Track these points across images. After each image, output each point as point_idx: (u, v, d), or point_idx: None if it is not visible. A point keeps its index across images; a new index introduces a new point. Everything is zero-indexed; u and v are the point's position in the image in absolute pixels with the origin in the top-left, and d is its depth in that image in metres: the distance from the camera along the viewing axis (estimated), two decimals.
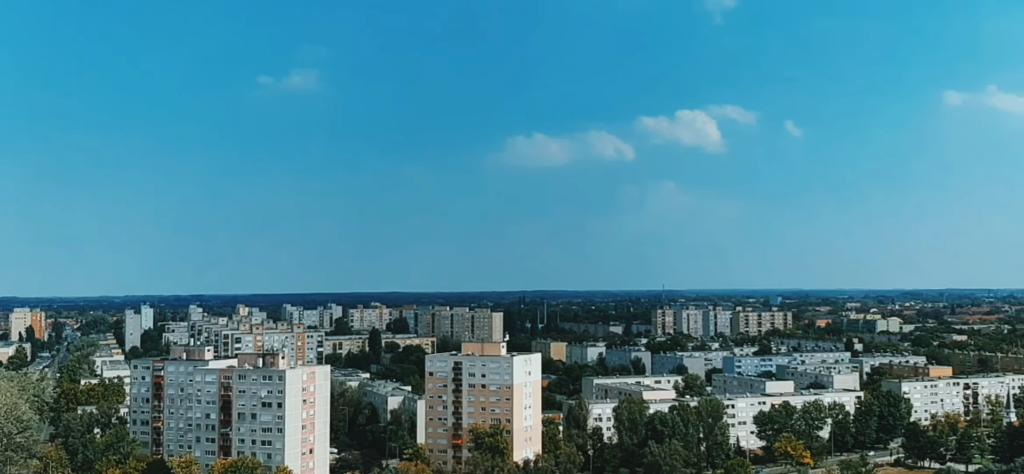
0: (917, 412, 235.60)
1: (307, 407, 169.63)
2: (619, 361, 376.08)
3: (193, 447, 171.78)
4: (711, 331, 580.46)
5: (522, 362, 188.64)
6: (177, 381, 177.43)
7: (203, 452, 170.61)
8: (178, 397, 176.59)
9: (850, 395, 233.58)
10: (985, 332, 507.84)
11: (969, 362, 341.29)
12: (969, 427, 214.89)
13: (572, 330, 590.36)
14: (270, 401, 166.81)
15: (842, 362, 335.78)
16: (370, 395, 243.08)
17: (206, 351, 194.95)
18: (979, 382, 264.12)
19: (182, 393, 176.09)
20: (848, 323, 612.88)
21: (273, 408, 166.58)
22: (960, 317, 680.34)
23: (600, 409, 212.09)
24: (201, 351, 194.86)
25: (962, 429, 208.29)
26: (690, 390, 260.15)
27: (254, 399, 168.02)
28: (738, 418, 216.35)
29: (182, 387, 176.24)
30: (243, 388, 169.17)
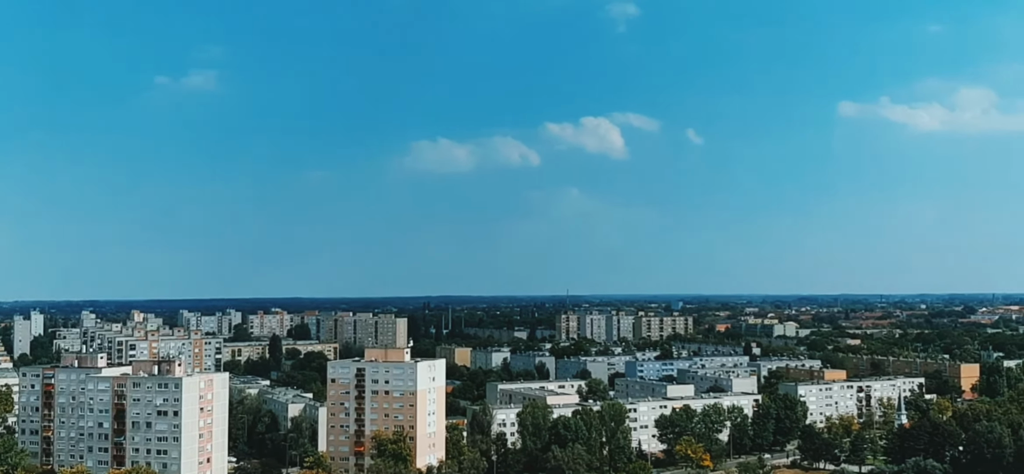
0: (813, 414, 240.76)
1: (204, 415, 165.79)
2: (523, 366, 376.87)
3: (85, 457, 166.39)
4: (614, 336, 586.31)
5: (426, 368, 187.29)
6: (68, 389, 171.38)
7: (96, 462, 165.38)
8: (70, 406, 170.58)
9: (748, 398, 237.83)
10: (878, 336, 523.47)
11: (862, 366, 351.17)
12: (862, 429, 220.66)
13: (477, 335, 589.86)
14: (166, 409, 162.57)
15: (741, 366, 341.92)
16: (270, 402, 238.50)
17: (99, 358, 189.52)
18: (872, 385, 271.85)
19: (74, 402, 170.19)
20: (747, 328, 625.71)
21: (169, 416, 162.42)
22: (854, 322, 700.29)
23: (504, 414, 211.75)
24: (94, 358, 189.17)
25: (856, 431, 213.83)
26: (593, 394, 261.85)
27: (149, 407, 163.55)
28: (640, 422, 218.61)
29: (74, 395, 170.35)
30: (137, 396, 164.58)
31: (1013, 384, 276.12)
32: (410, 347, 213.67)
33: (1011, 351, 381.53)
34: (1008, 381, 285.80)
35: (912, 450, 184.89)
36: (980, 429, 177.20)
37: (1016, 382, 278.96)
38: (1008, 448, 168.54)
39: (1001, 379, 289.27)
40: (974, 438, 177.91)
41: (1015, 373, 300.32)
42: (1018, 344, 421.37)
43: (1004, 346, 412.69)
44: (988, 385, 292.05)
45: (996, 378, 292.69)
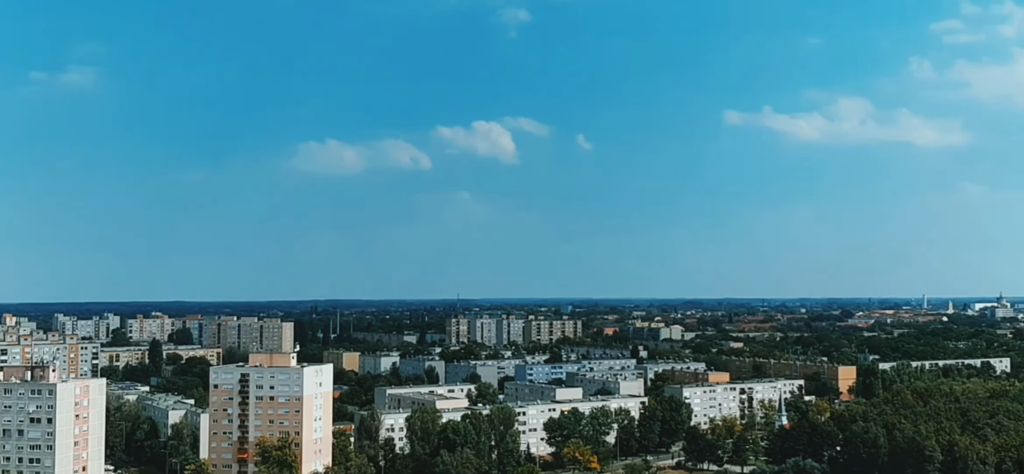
0: (697, 416, 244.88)
1: (80, 423, 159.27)
2: (413, 371, 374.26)
3: None
4: (504, 339, 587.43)
5: (313, 373, 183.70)
6: None
7: None
8: None
9: (635, 401, 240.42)
10: (760, 339, 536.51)
11: (745, 368, 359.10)
12: (744, 430, 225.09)
13: (365, 340, 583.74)
14: (39, 416, 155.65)
15: (628, 369, 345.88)
16: (150, 409, 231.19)
17: None
18: (754, 387, 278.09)
19: None
20: (634, 331, 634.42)
21: (42, 424, 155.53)
22: (737, 325, 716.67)
23: (393, 419, 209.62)
24: None
25: (738, 432, 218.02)
26: (483, 398, 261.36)
27: (21, 414, 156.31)
28: (529, 425, 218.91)
29: None
30: (9, 403, 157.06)
31: (888, 386, 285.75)
32: (296, 352, 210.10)
33: (886, 354, 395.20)
34: (883, 383, 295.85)
35: (792, 450, 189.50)
36: (856, 429, 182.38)
37: (891, 384, 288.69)
38: (883, 448, 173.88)
39: (876, 381, 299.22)
40: (851, 438, 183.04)
41: (890, 375, 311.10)
42: (893, 347, 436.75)
43: (879, 349, 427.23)
44: (864, 387, 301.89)
45: (872, 380, 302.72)
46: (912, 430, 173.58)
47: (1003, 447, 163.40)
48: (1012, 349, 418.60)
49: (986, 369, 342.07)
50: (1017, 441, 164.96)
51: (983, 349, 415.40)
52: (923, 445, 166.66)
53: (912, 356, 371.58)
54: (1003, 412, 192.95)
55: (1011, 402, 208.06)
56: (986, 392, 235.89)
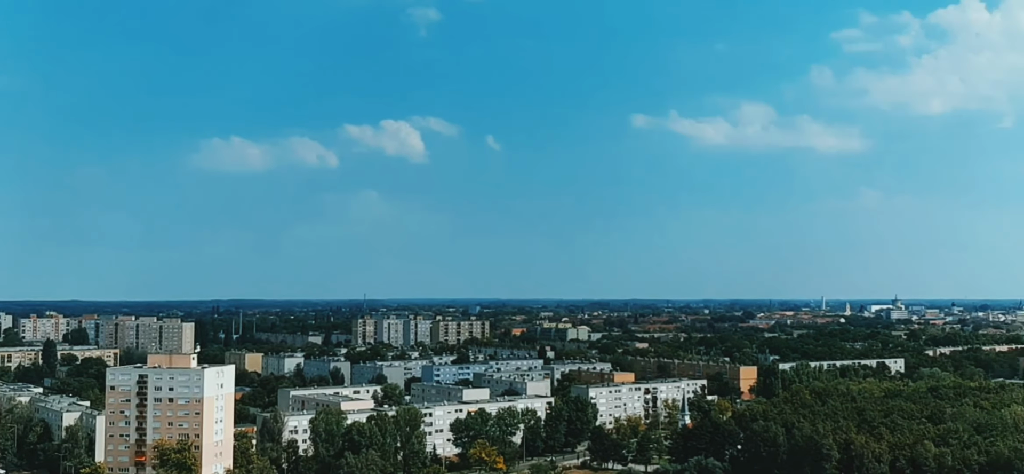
0: (603, 416, 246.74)
1: None
2: (318, 372, 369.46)
3: None
4: (411, 340, 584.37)
5: (214, 374, 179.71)
6: None
7: None
8: None
9: (542, 401, 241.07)
10: (664, 340, 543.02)
11: (650, 368, 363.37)
12: (648, 430, 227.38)
13: (269, 341, 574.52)
14: None
15: (535, 369, 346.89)
16: (43, 411, 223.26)
17: None
18: (658, 387, 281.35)
19: None
20: (541, 332, 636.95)
21: None
22: (643, 326, 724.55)
23: (296, 421, 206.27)
24: None
25: (642, 432, 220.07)
26: (389, 400, 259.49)
27: None
28: (435, 426, 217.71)
29: None
30: None
31: (787, 385, 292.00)
32: (197, 353, 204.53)
33: (786, 354, 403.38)
34: (783, 382, 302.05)
35: (694, 449, 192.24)
36: (757, 428, 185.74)
37: (790, 384, 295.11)
38: (782, 446, 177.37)
39: (776, 380, 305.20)
40: (751, 437, 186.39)
41: (789, 375, 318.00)
42: (792, 348, 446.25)
43: (779, 349, 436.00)
44: (765, 386, 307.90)
45: (772, 379, 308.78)
46: (810, 429, 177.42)
47: (897, 445, 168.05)
48: (906, 350, 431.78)
49: (881, 369, 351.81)
50: (911, 439, 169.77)
51: (879, 350, 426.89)
52: (821, 443, 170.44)
53: (811, 356, 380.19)
54: (897, 411, 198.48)
55: (905, 401, 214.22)
56: (881, 392, 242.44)
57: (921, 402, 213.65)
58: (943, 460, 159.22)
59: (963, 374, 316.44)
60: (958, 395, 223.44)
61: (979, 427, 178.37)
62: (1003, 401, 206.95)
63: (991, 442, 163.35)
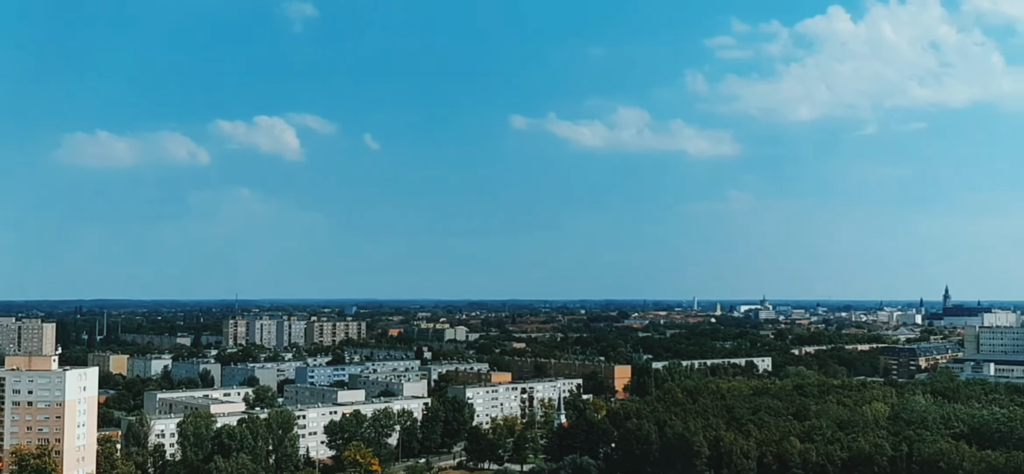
0: (479, 416, 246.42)
1: None
2: (186, 374, 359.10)
3: None
4: (285, 341, 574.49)
5: (76, 377, 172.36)
6: None
7: None
8: None
9: (418, 402, 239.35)
10: (541, 340, 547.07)
11: (527, 368, 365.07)
12: (525, 429, 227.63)
13: (135, 342, 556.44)
14: None
15: (412, 370, 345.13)
16: None
17: None
18: (535, 387, 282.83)
19: None
20: (419, 332, 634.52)
21: None
22: (520, 326, 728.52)
23: (163, 424, 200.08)
24: None
25: (518, 431, 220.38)
26: (261, 402, 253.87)
27: None
28: (309, 428, 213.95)
29: None
30: None
31: (660, 384, 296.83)
32: (58, 354, 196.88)
33: (659, 353, 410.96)
34: (656, 381, 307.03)
35: (569, 448, 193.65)
36: (630, 427, 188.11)
37: (663, 382, 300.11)
38: (654, 444, 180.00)
39: (650, 379, 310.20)
40: (625, 435, 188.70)
41: (662, 374, 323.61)
42: (665, 347, 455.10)
43: (653, 349, 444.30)
44: (638, 385, 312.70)
45: (645, 378, 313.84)
46: (681, 426, 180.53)
47: (764, 442, 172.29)
48: (773, 349, 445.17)
49: (750, 368, 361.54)
50: (777, 436, 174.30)
51: (747, 349, 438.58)
52: (691, 440, 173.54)
53: (683, 356, 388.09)
54: (764, 409, 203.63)
55: (772, 399, 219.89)
56: (750, 390, 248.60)
57: (787, 400, 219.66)
58: (808, 456, 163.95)
59: (827, 372, 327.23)
60: (822, 393, 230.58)
61: (842, 423, 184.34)
62: (864, 398, 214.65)
63: (853, 438, 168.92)
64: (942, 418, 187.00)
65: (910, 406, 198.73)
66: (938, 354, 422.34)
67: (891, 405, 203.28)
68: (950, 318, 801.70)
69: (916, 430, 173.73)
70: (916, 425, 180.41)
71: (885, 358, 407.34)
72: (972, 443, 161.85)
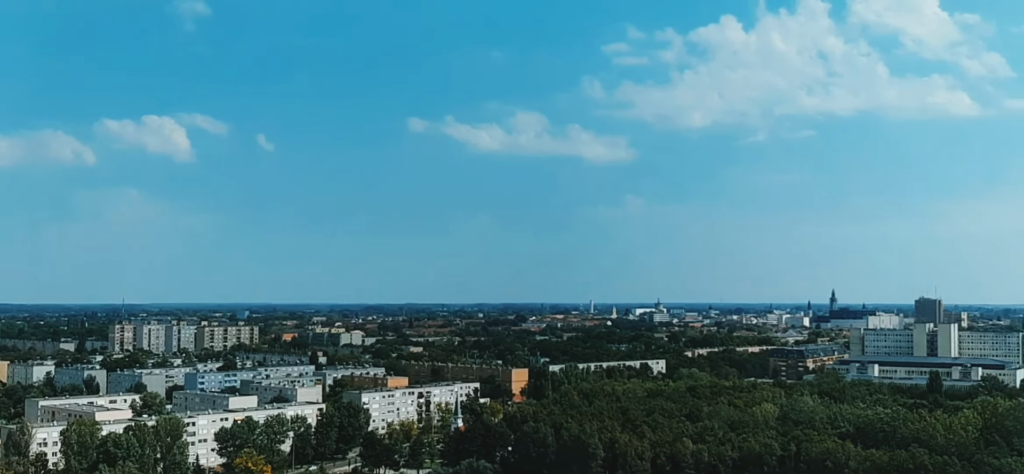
0: (375, 421, 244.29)
1: None
2: (70, 380, 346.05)
3: None
4: (174, 347, 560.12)
5: None
6: None
7: None
8: None
9: (313, 407, 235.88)
10: (439, 344, 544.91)
11: (424, 372, 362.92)
12: (421, 434, 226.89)
13: (16, 347, 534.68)
14: None
15: (306, 375, 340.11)
16: None
17: None
18: (432, 391, 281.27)
19: None
20: (314, 337, 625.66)
21: None
22: (417, 330, 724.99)
23: (46, 432, 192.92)
24: None
25: (415, 436, 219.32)
26: (148, 409, 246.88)
27: None
28: (199, 436, 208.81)
29: None
30: None
31: (557, 387, 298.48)
32: None
33: (556, 356, 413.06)
34: (553, 384, 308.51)
35: (466, 452, 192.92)
36: (527, 430, 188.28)
37: (559, 385, 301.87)
38: (551, 446, 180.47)
39: (547, 382, 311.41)
40: (522, 438, 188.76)
41: (558, 377, 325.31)
42: (562, 350, 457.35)
43: (550, 351, 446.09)
44: (535, 388, 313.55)
45: (542, 381, 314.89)
46: (577, 429, 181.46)
47: (658, 443, 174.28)
48: (667, 351, 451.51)
49: (644, 370, 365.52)
50: (670, 437, 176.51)
51: (642, 351, 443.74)
52: (587, 443, 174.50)
53: (579, 358, 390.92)
54: (658, 410, 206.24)
55: (665, 401, 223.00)
56: (644, 392, 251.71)
57: (680, 401, 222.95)
58: (700, 456, 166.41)
59: (719, 374, 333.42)
60: (714, 394, 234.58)
61: (733, 424, 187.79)
62: (754, 399, 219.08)
63: (743, 438, 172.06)
64: (829, 418, 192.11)
65: (798, 407, 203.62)
66: (825, 355, 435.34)
67: (780, 406, 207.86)
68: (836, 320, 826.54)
69: (804, 430, 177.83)
70: (804, 425, 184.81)
71: (774, 360, 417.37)
72: (857, 442, 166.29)
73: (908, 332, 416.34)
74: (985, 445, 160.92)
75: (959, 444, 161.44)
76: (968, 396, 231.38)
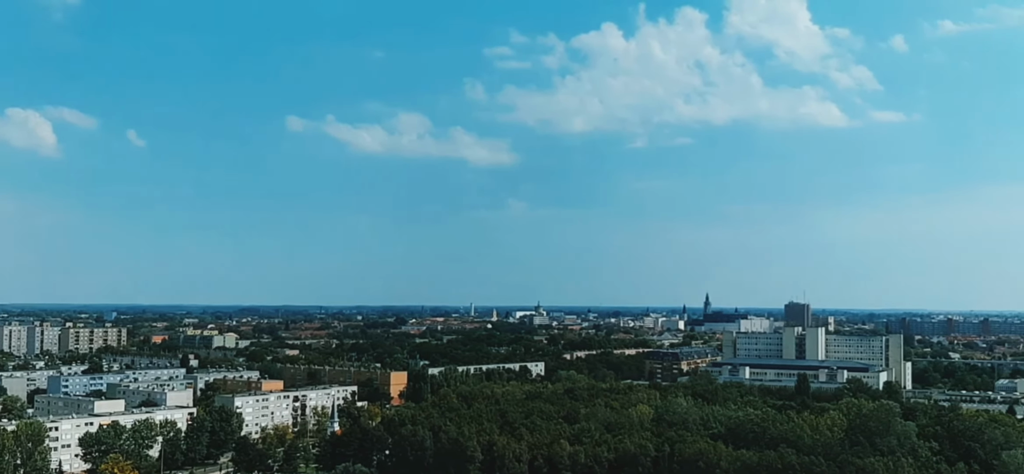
0: (249, 426, 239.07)
1: None
2: None
3: None
4: (37, 349, 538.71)
5: None
6: None
7: None
8: None
9: (183, 411, 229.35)
10: (316, 347, 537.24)
11: (300, 375, 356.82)
12: (296, 438, 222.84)
13: None
14: None
15: (177, 379, 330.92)
16: None
17: None
18: (308, 394, 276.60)
19: None
20: (185, 339, 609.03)
21: None
22: (294, 332, 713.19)
23: None
24: None
25: (290, 440, 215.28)
26: (9, 414, 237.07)
27: None
28: (62, 441, 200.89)
29: None
30: None
31: (436, 390, 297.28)
32: None
33: (435, 359, 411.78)
34: (432, 387, 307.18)
35: (343, 456, 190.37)
36: (405, 433, 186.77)
37: (439, 388, 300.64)
38: (429, 450, 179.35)
39: (426, 385, 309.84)
40: (399, 442, 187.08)
41: (438, 379, 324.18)
42: (442, 353, 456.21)
43: (429, 355, 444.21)
44: (414, 391, 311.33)
45: (421, 384, 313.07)
46: (456, 432, 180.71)
47: (536, 445, 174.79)
48: (547, 354, 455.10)
49: (524, 373, 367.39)
50: (548, 439, 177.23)
51: (522, 354, 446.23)
52: (465, 445, 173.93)
53: (459, 361, 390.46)
54: (537, 413, 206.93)
55: (544, 403, 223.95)
56: (523, 394, 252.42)
57: (558, 403, 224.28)
58: (577, 458, 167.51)
59: (596, 376, 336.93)
60: (591, 396, 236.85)
61: (609, 426, 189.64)
62: (631, 401, 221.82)
63: (619, 440, 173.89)
64: (701, 419, 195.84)
65: (672, 408, 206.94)
66: (699, 358, 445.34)
67: (655, 407, 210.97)
68: (710, 324, 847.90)
69: (677, 431, 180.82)
70: (678, 426, 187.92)
71: (650, 362, 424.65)
72: (729, 443, 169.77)
73: (778, 335, 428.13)
74: (849, 445, 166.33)
75: (825, 444, 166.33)
76: (834, 397, 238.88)
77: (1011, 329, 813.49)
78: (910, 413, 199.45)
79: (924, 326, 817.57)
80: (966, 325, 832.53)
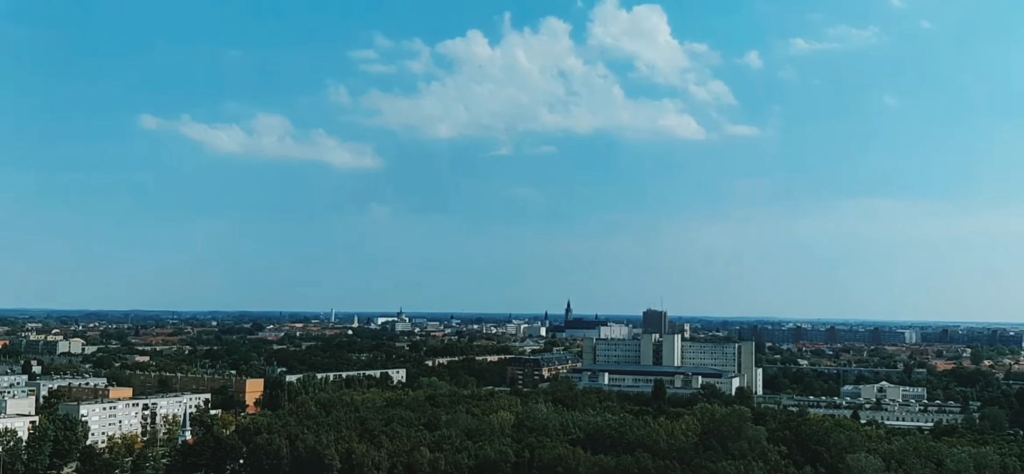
0: (95, 435, 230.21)
1: None
2: None
3: None
4: None
5: None
6: None
7: None
8: None
9: (24, 420, 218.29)
10: (168, 353, 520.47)
11: (150, 383, 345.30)
12: (146, 447, 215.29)
13: None
14: None
15: (18, 386, 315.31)
16: None
17: None
18: (158, 402, 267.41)
19: None
20: (28, 344, 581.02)
21: None
22: (144, 338, 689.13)
23: None
24: None
25: (139, 450, 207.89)
26: None
27: None
28: None
29: None
30: None
31: (294, 397, 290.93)
32: None
33: (293, 366, 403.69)
34: (289, 394, 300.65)
35: (194, 466, 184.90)
36: (260, 442, 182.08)
37: (296, 395, 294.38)
38: (285, 458, 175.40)
39: (283, 393, 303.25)
40: (254, 450, 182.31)
41: (296, 387, 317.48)
42: (300, 359, 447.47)
43: (287, 361, 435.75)
44: (271, 399, 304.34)
45: (278, 392, 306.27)
46: (314, 439, 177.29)
47: (396, 452, 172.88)
48: (408, 360, 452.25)
49: (385, 379, 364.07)
50: (408, 446, 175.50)
51: (383, 360, 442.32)
52: (323, 453, 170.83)
53: (318, 368, 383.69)
54: (397, 420, 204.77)
55: (405, 410, 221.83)
56: (384, 401, 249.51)
57: (419, 410, 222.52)
58: (437, 464, 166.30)
59: (458, 383, 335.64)
60: (453, 403, 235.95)
61: (470, 432, 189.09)
62: (492, 407, 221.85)
63: (480, 446, 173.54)
64: (561, 425, 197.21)
65: (533, 414, 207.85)
66: (560, 364, 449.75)
67: (516, 413, 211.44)
68: (571, 330, 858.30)
69: (538, 437, 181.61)
70: (538, 432, 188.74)
71: (512, 368, 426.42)
72: (587, 448, 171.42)
73: (636, 342, 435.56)
74: (703, 449, 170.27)
75: (680, 448, 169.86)
76: (689, 403, 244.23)
77: (856, 337, 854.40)
78: (761, 418, 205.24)
79: (775, 333, 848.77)
80: (814, 333, 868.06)
